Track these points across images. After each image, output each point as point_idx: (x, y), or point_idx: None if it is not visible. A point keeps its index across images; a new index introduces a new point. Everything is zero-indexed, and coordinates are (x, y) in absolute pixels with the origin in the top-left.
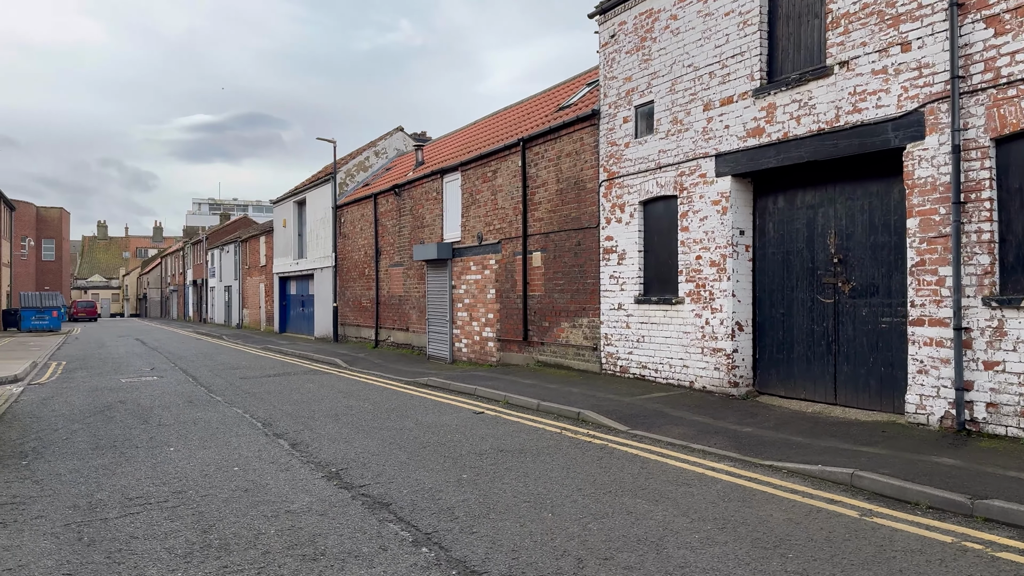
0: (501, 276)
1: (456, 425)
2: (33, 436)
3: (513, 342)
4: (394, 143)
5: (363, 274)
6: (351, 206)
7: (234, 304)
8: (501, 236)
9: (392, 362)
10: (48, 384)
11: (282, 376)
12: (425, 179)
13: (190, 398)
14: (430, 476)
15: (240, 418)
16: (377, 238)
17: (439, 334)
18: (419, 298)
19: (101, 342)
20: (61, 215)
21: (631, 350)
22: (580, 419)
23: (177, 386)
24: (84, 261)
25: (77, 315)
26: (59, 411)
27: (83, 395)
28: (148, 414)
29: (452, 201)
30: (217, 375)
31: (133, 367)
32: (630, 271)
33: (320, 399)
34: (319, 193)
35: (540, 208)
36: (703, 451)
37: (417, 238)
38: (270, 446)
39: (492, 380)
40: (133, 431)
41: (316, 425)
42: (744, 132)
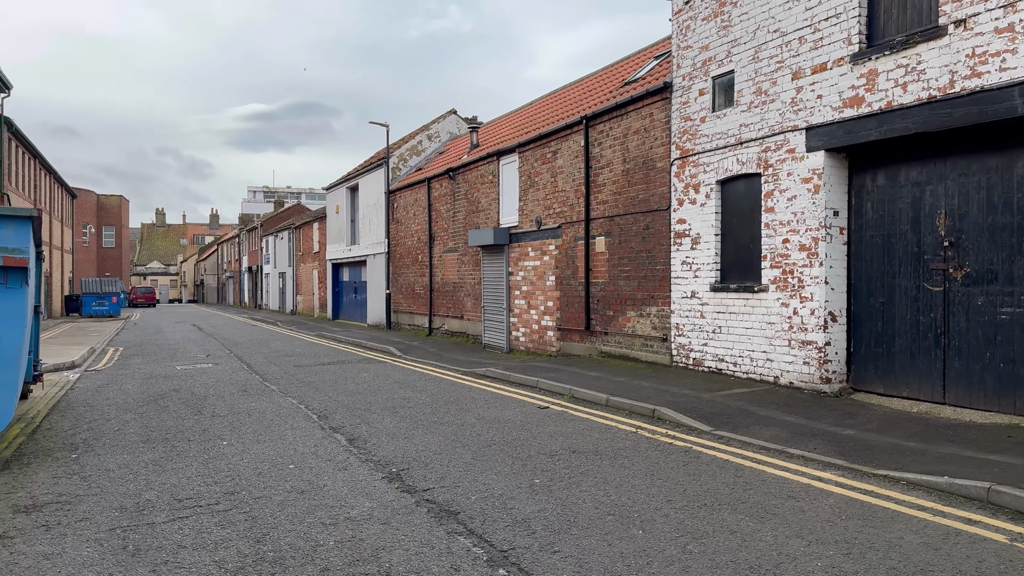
0: (561, 262)
1: (521, 421)
2: (85, 426)
3: (574, 331)
4: (447, 126)
5: (416, 260)
6: (404, 191)
7: (288, 290)
8: (561, 220)
9: (447, 351)
10: (104, 371)
11: (336, 365)
12: (480, 162)
13: (244, 387)
14: (499, 480)
15: (295, 409)
16: (431, 223)
17: (495, 322)
18: (474, 285)
19: (158, 328)
20: (121, 203)
21: (706, 341)
22: (656, 417)
23: (232, 374)
24: (143, 248)
25: (136, 301)
26: (113, 399)
27: (138, 383)
28: (202, 404)
29: (509, 184)
30: (272, 363)
31: (189, 354)
32: (705, 256)
33: (376, 390)
34: (371, 178)
35: (604, 190)
36: (803, 457)
37: (472, 223)
38: (326, 441)
39: (554, 371)
40: (186, 422)
41: (373, 419)
42: (839, 102)
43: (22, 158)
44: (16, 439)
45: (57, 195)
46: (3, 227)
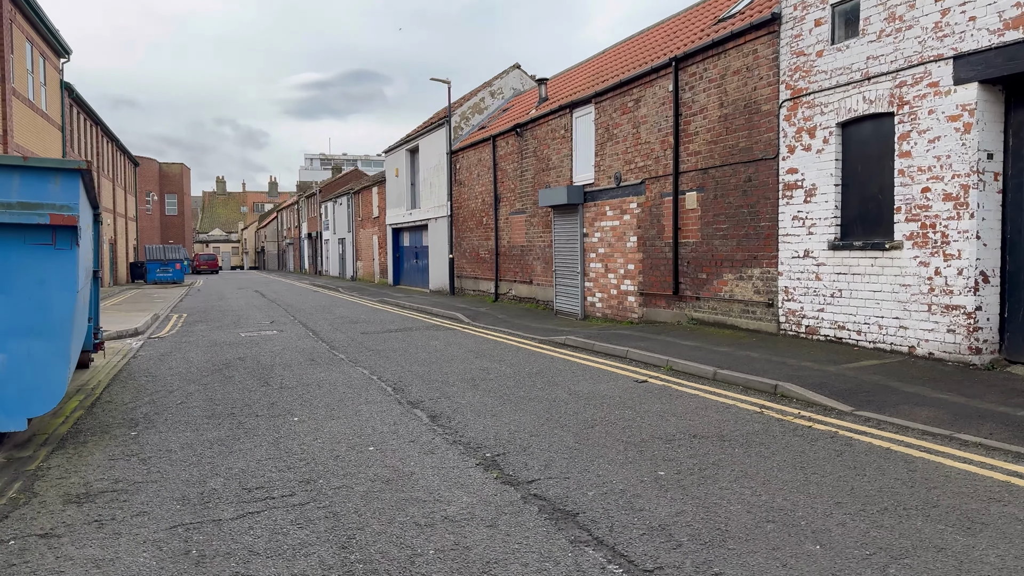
0: (644, 221)
1: (619, 397)
2: (146, 399)
3: (659, 296)
4: (510, 82)
5: (481, 223)
6: (467, 151)
7: (348, 256)
8: (645, 175)
9: (517, 317)
10: (167, 338)
11: (404, 332)
12: (551, 116)
13: (312, 355)
14: (615, 471)
15: (367, 380)
16: (496, 184)
17: (568, 287)
18: (544, 248)
19: (221, 294)
20: (182, 171)
21: (822, 307)
22: (779, 394)
23: (297, 341)
24: (205, 216)
25: (200, 268)
26: (176, 369)
27: (202, 351)
28: (268, 374)
29: (583, 138)
30: (337, 329)
31: (253, 320)
32: (822, 210)
33: (450, 359)
34: (432, 139)
35: (696, 140)
36: (982, 445)
37: (542, 182)
38: (406, 418)
39: (643, 340)
40: (253, 395)
41: (453, 392)
42: (999, 23)
43: (83, 124)
44: (74, 413)
45: (120, 163)
46: (49, 181)
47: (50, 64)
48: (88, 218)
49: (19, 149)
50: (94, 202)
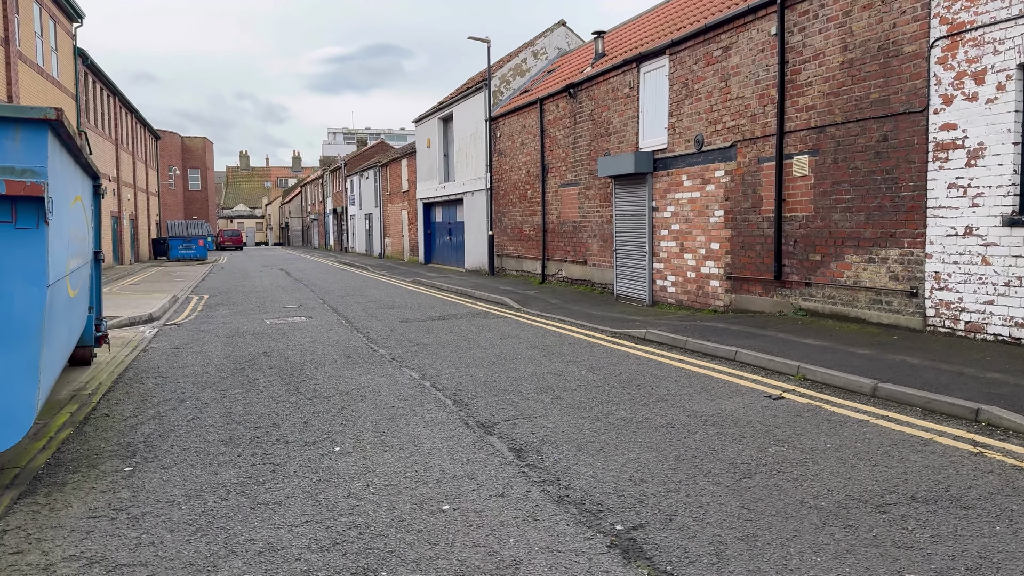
0: (735, 192)
1: (760, 423)
2: (151, 412)
3: (754, 281)
4: (555, 41)
5: (525, 197)
6: (508, 117)
7: (375, 232)
8: (736, 137)
9: (573, 302)
10: (185, 325)
11: (448, 320)
12: (611, 72)
13: (347, 350)
14: (837, 570)
15: (418, 388)
16: (543, 152)
17: (632, 269)
18: (602, 224)
19: (245, 272)
20: (205, 144)
21: (991, 298)
22: (983, 422)
23: (329, 331)
24: (229, 191)
25: (224, 244)
26: (190, 367)
27: (222, 342)
28: (299, 376)
29: (653, 97)
30: (372, 316)
31: (279, 303)
32: (992, 176)
33: (512, 357)
34: (468, 106)
35: (809, 92)
36: None
37: (600, 149)
38: (482, 452)
39: (748, 337)
40: (281, 407)
41: (531, 409)
42: None
43: (100, 94)
44: (60, 433)
45: (140, 136)
46: (6, 136)
47: (61, 28)
48: (78, 188)
49: None
50: (90, 169)
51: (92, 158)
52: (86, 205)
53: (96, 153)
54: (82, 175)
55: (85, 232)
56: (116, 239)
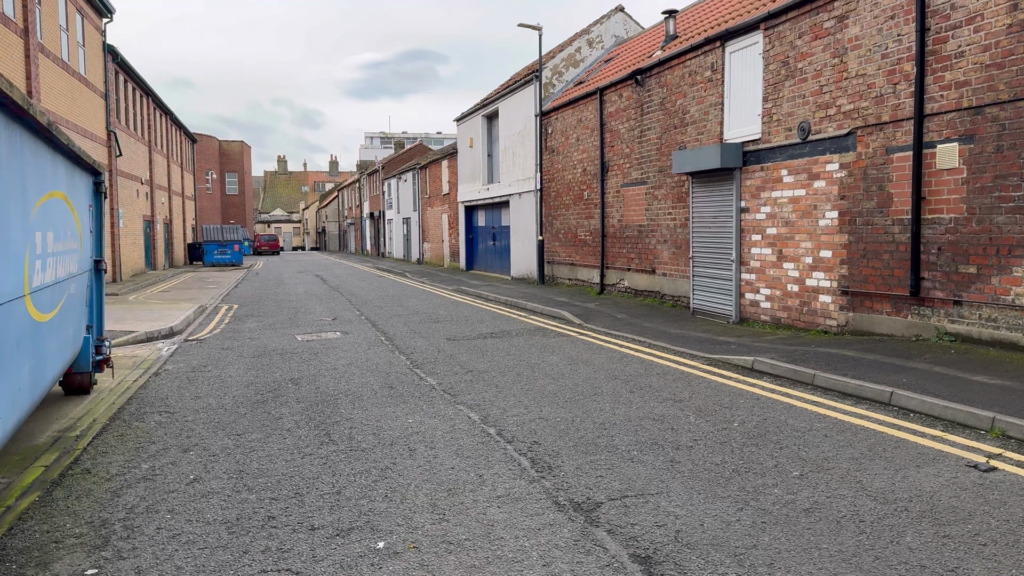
0: (853, 189)
1: (992, 516)
2: (145, 468)
3: (881, 297)
4: (612, 28)
5: (580, 198)
6: (562, 111)
7: (414, 237)
8: (855, 123)
9: (642, 318)
10: (207, 341)
11: (501, 338)
12: (689, 54)
13: (389, 377)
14: None
15: (481, 437)
16: (603, 148)
17: (715, 280)
18: (675, 228)
19: (280, 279)
20: (242, 148)
21: None
22: None
23: (367, 351)
24: (266, 195)
25: (261, 248)
26: (204, 399)
27: (245, 365)
28: (331, 414)
29: (742, 80)
30: (415, 332)
31: (312, 315)
32: None
33: (591, 392)
34: (515, 101)
35: (960, 65)
36: None
37: (673, 142)
38: (593, 562)
39: (895, 371)
40: (307, 465)
41: (642, 478)
42: None
43: (132, 94)
44: (21, 501)
45: (175, 138)
46: None
47: (89, 23)
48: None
49: (49, 115)
50: (82, 162)
51: (120, 159)
52: (77, 205)
53: (127, 155)
54: (68, 168)
55: (75, 237)
56: (148, 244)
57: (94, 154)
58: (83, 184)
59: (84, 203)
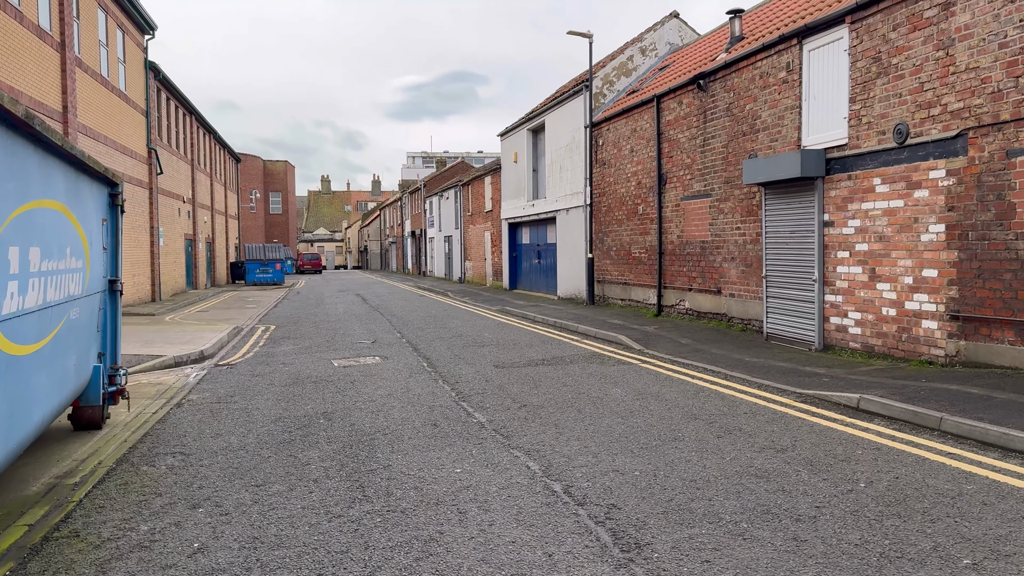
0: (964, 198)
1: None
2: (144, 530)
3: (1003, 323)
4: (666, 35)
5: (634, 213)
6: (614, 121)
7: (455, 255)
8: (965, 124)
9: (709, 343)
10: (238, 366)
11: (555, 365)
12: (760, 55)
13: (432, 413)
14: None
15: (546, 496)
16: (660, 159)
17: (792, 301)
18: (744, 244)
19: (320, 298)
20: (286, 168)
21: None
22: None
23: (408, 379)
24: (310, 215)
25: (303, 267)
26: (226, 437)
27: (275, 395)
28: (366, 459)
29: (824, 80)
30: (459, 357)
31: (351, 337)
32: None
33: (670, 436)
34: (563, 113)
35: None
36: None
37: (741, 150)
38: None
39: None
40: (334, 532)
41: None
42: None
43: (175, 113)
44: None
45: (219, 157)
46: None
47: (131, 39)
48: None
49: (86, 131)
50: (91, 170)
51: (161, 177)
52: (83, 218)
53: (169, 173)
54: (68, 175)
55: (77, 254)
56: (190, 262)
57: (133, 171)
58: (92, 195)
59: (94, 216)
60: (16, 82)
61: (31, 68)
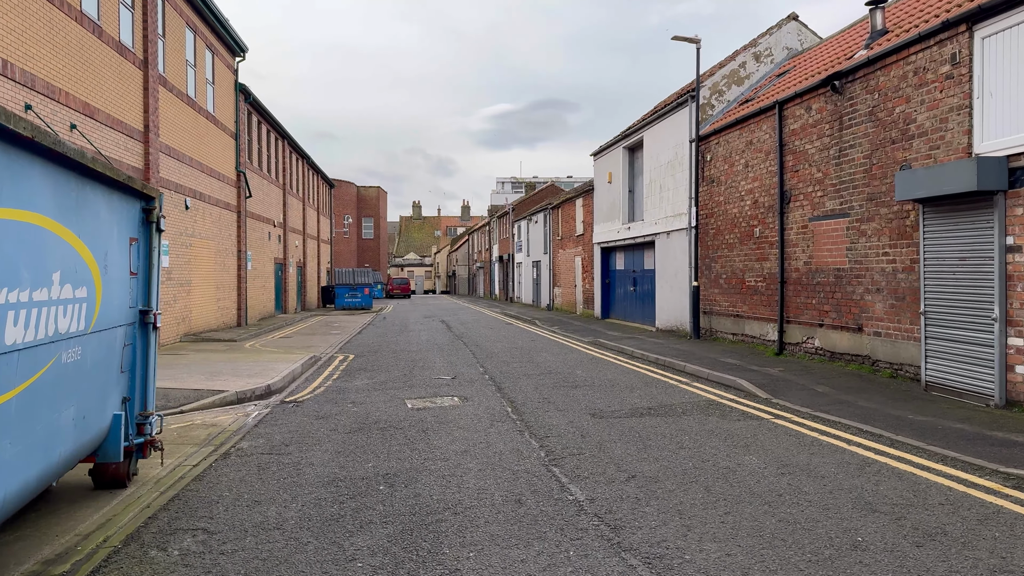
0: None
1: None
2: None
3: None
4: (783, 39)
5: (749, 235)
6: (726, 134)
7: (543, 282)
8: None
9: (853, 393)
10: (304, 404)
11: (664, 416)
12: (913, 47)
13: (516, 482)
14: None
15: None
16: (783, 174)
17: (962, 344)
18: (893, 272)
19: (405, 324)
20: (379, 194)
21: None
22: None
23: (489, 429)
24: (401, 240)
25: (393, 292)
26: (263, 508)
27: (335, 446)
28: (430, 551)
29: (1005, 72)
30: (549, 401)
31: (430, 371)
32: None
33: (851, 544)
34: (664, 127)
35: None
36: None
37: (890, 160)
38: None
39: None
40: None
41: None
42: None
43: (266, 136)
44: None
45: (312, 182)
46: None
47: (220, 60)
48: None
49: (169, 151)
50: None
51: (251, 201)
52: (91, 237)
53: (259, 196)
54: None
55: (80, 281)
56: (279, 287)
57: (221, 194)
58: (112, 209)
59: (113, 235)
60: (91, 98)
61: (110, 84)
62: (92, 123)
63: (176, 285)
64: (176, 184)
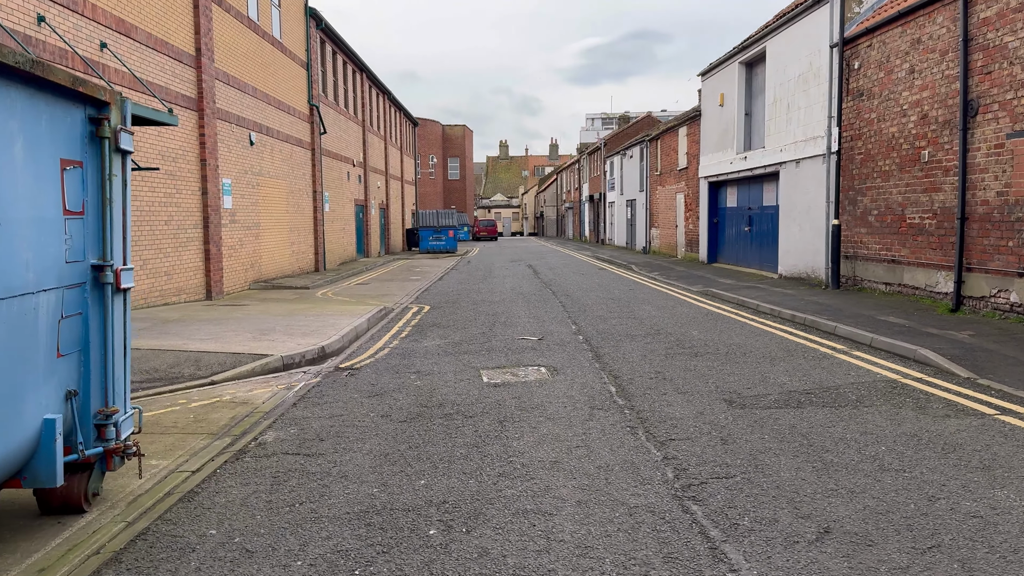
0: None
1: None
2: None
3: None
4: None
5: (913, 160)
6: (881, 33)
7: (639, 222)
8: None
9: None
10: (361, 373)
11: (833, 408)
12: None
13: (635, 537)
14: None
15: None
16: (966, 79)
17: None
18: None
19: (489, 269)
20: (464, 133)
21: None
22: None
23: (587, 423)
24: (488, 181)
25: (479, 234)
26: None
27: (382, 443)
28: None
29: None
30: (664, 377)
31: (513, 328)
32: None
33: None
34: (794, 34)
35: None
36: None
37: None
38: None
39: None
40: None
41: None
42: None
43: (342, 68)
44: None
45: (393, 119)
46: None
47: None
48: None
49: (227, 79)
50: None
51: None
52: None
53: (336, 134)
54: None
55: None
56: (361, 230)
57: (292, 130)
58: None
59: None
60: (126, 13)
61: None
62: (129, 43)
63: (242, 228)
64: (237, 116)
